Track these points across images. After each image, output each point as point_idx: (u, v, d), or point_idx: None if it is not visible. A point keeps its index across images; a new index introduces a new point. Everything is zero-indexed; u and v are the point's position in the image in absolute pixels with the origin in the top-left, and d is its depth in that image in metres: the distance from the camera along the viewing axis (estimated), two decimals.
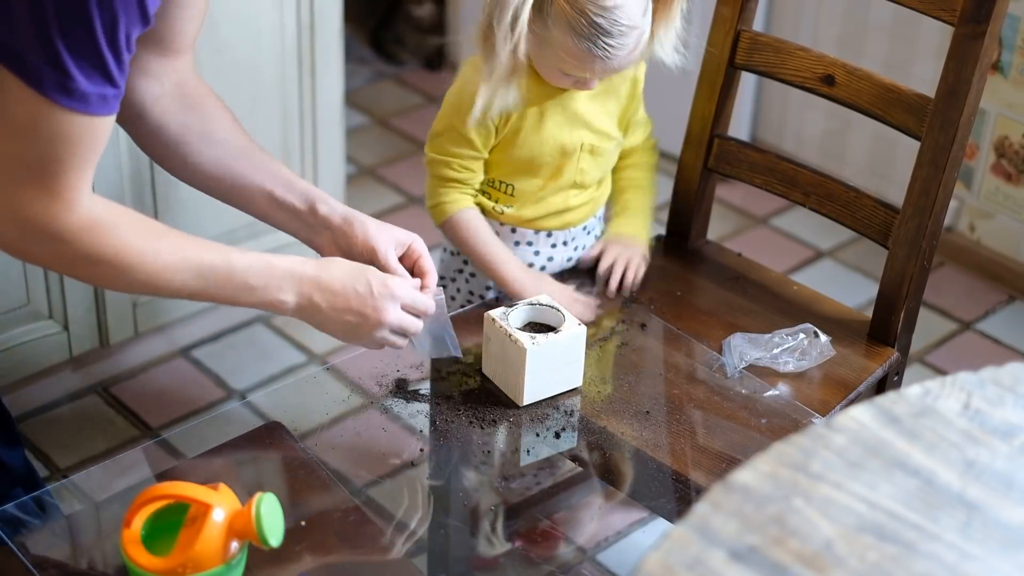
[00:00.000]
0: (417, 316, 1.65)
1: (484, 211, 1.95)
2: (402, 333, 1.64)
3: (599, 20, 1.73)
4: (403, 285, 1.60)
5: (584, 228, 2.02)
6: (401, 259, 1.71)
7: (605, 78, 1.86)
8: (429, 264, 1.71)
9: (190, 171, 1.70)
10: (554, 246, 1.99)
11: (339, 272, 1.59)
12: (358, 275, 1.59)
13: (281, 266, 1.57)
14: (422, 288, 1.69)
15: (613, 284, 1.96)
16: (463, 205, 1.91)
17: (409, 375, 1.79)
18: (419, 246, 1.72)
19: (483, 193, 1.95)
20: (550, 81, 1.85)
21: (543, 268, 1.99)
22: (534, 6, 1.73)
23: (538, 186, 1.93)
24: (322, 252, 1.71)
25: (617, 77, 1.91)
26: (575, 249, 2.02)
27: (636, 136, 2.02)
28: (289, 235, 1.73)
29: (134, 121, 1.67)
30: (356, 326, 1.60)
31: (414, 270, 1.71)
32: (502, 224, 1.96)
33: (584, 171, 1.94)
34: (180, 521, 1.42)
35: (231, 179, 1.69)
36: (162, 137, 1.68)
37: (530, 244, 1.97)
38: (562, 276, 1.99)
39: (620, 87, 1.94)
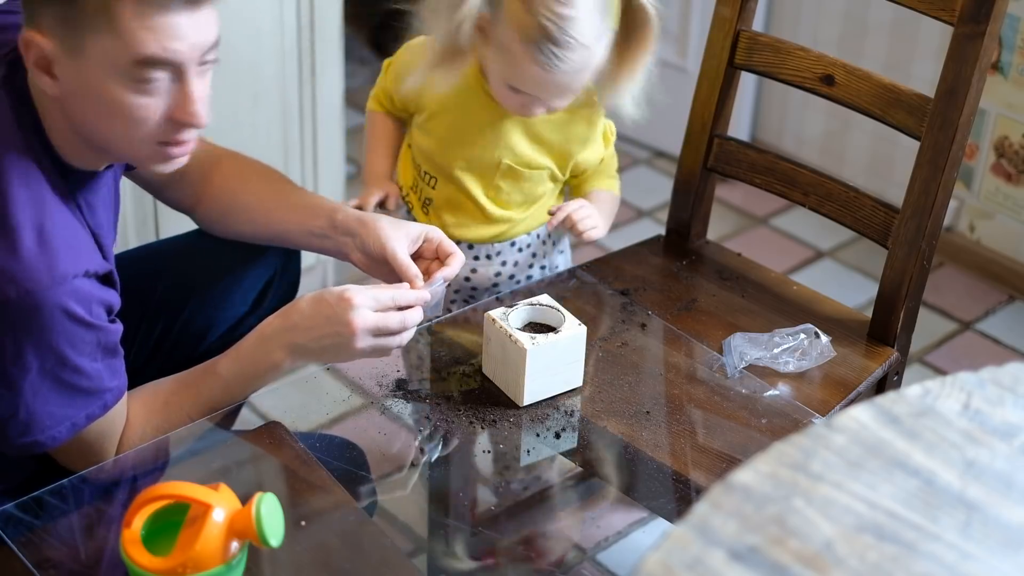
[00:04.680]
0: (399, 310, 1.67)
1: (414, 217, 2.00)
2: (389, 332, 1.64)
3: (549, 25, 1.69)
4: (360, 291, 1.62)
5: (513, 243, 2.01)
6: (423, 249, 1.76)
7: (549, 104, 1.81)
8: (451, 246, 1.76)
9: (241, 235, 1.88)
10: (476, 258, 2.00)
11: (303, 308, 1.64)
12: (318, 302, 1.63)
13: (250, 341, 1.67)
14: (429, 265, 1.75)
15: (558, 217, 1.91)
16: (377, 108, 2.02)
17: (409, 375, 1.79)
18: (435, 234, 1.77)
19: (413, 189, 1.99)
20: (498, 98, 1.83)
21: (467, 279, 2.00)
22: None
23: (455, 189, 1.94)
24: (350, 260, 1.80)
25: (566, 114, 1.89)
26: (503, 264, 2.01)
27: (596, 181, 2.01)
28: (324, 256, 1.91)
29: (191, 213, 1.90)
30: (340, 345, 1.63)
31: (439, 254, 1.76)
32: None
33: (501, 189, 1.94)
34: (180, 521, 1.42)
35: (271, 231, 1.85)
36: (215, 226, 1.89)
37: None
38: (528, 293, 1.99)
39: (567, 128, 1.92)
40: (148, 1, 1.40)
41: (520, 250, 2.02)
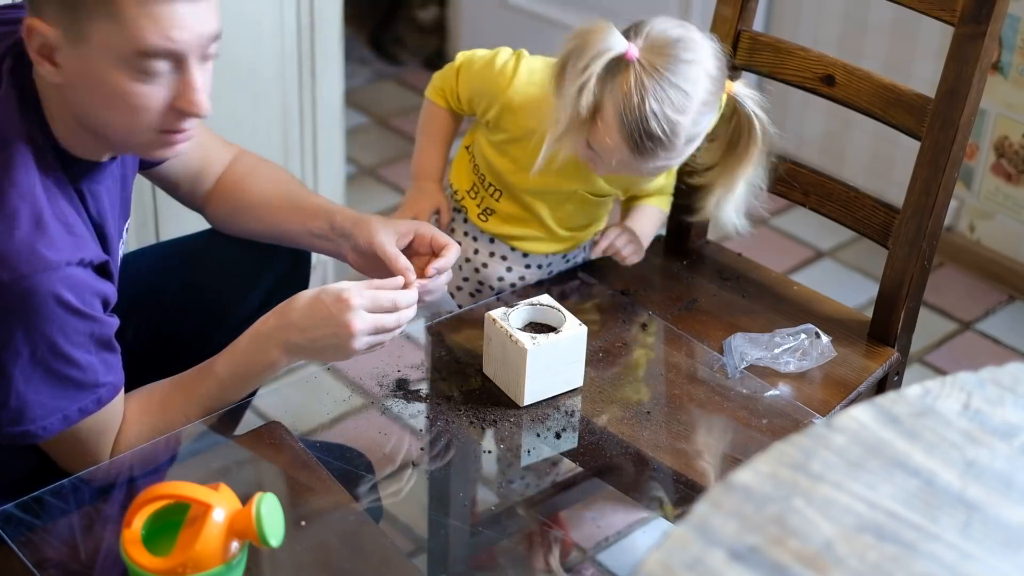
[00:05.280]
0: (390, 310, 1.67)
1: (467, 218, 1.98)
2: (385, 330, 1.64)
3: (653, 120, 1.65)
4: (358, 293, 1.62)
5: (564, 257, 2.02)
6: (417, 244, 1.77)
7: (614, 172, 1.80)
8: (444, 238, 1.77)
9: (247, 233, 1.89)
10: (528, 267, 2.00)
11: (299, 307, 1.64)
12: (315, 302, 1.63)
13: (246, 340, 1.66)
14: (429, 260, 1.75)
15: (601, 246, 1.95)
16: (440, 102, 1.97)
17: (409, 375, 1.79)
18: (425, 228, 1.78)
19: (470, 194, 1.97)
20: (575, 151, 1.78)
21: (513, 285, 2.00)
22: (608, 65, 1.66)
23: (521, 208, 1.94)
24: (347, 261, 1.82)
25: None
26: (549, 273, 2.02)
27: (648, 198, 2.02)
28: (323, 255, 1.91)
29: (201, 210, 1.92)
30: (337, 346, 1.63)
31: (433, 248, 1.77)
32: (482, 231, 1.98)
33: (568, 212, 1.95)
34: (180, 521, 1.42)
35: (276, 230, 1.87)
36: (224, 224, 1.91)
37: (504, 258, 1.98)
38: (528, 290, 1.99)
39: None
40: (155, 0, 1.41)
41: (568, 261, 2.03)
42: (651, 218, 2.00)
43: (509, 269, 1.99)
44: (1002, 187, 2.85)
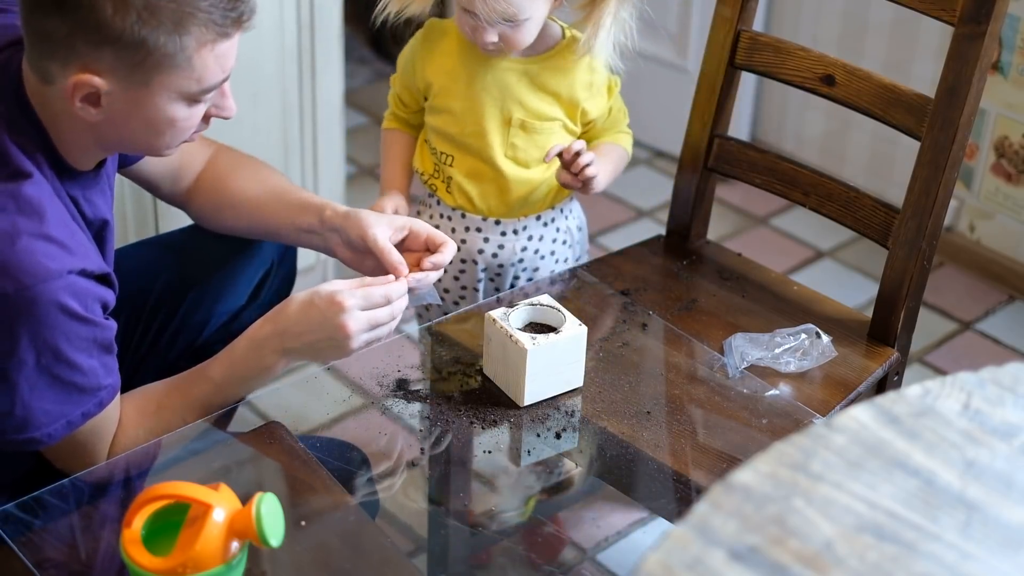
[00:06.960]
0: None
1: (440, 199, 2.03)
2: (380, 325, 1.65)
3: None
4: (351, 293, 1.61)
5: (538, 218, 2.02)
6: (410, 242, 1.77)
7: (495, 27, 1.85)
8: (441, 236, 1.77)
9: (233, 230, 1.90)
10: (503, 234, 2.01)
11: (293, 313, 1.64)
12: (308, 306, 1.63)
13: (242, 346, 1.67)
14: (421, 257, 1.75)
15: (553, 152, 1.92)
16: (391, 124, 2.09)
17: (409, 375, 1.79)
18: (420, 226, 1.78)
19: (434, 175, 2.03)
20: (458, 25, 1.90)
21: (495, 255, 2.02)
22: None
23: (473, 158, 1.97)
24: (337, 256, 1.82)
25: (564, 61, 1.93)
26: (529, 239, 2.02)
27: (605, 135, 2.04)
28: (312, 250, 1.92)
29: (184, 208, 1.93)
30: (334, 347, 1.64)
31: (428, 245, 1.77)
32: (454, 209, 2.01)
33: (517, 147, 1.97)
34: (180, 521, 1.42)
35: (263, 226, 1.87)
36: (208, 221, 1.91)
37: (479, 230, 2.01)
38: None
39: (570, 75, 1.95)
40: (217, 38, 1.48)
41: (545, 224, 2.04)
42: (609, 153, 2.00)
43: (486, 240, 2.01)
44: (1002, 187, 2.85)
